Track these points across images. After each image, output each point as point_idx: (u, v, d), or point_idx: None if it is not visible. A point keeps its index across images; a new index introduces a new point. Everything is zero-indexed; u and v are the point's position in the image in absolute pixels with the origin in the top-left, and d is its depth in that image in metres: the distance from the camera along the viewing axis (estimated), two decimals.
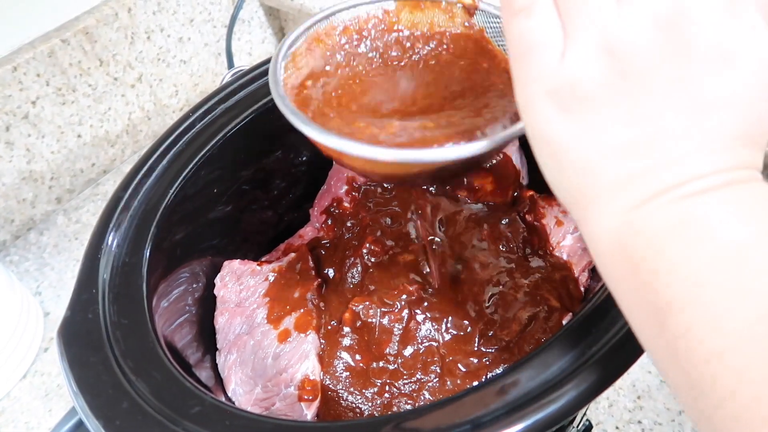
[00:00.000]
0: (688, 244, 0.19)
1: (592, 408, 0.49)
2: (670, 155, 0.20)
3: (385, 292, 0.42)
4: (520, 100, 0.23)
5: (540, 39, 0.22)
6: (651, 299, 0.20)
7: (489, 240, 0.45)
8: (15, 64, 0.62)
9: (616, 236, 0.21)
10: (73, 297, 0.36)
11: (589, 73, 0.21)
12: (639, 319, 0.21)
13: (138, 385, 0.31)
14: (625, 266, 0.21)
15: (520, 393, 0.28)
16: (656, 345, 0.20)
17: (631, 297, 0.21)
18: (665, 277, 0.19)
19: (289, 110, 0.30)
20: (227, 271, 0.46)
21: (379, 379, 0.39)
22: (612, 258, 0.21)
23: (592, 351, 0.29)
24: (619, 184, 0.21)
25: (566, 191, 0.23)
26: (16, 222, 0.68)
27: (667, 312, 0.19)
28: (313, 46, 0.35)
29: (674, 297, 0.19)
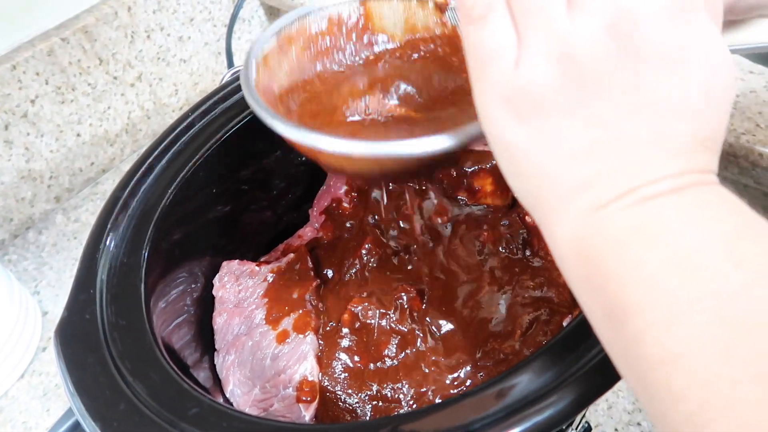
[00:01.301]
0: (643, 248, 0.19)
1: (591, 410, 0.49)
2: (625, 160, 0.20)
3: (384, 293, 0.42)
4: (478, 107, 0.23)
5: (495, 47, 0.22)
6: (609, 303, 0.20)
7: (489, 242, 0.45)
8: (14, 63, 0.62)
9: (575, 240, 0.21)
10: (70, 297, 0.36)
11: (542, 81, 0.21)
12: (598, 322, 0.21)
13: (135, 387, 0.31)
14: (585, 270, 0.21)
15: (519, 396, 0.28)
16: (614, 348, 0.21)
17: (591, 300, 0.21)
18: (621, 281, 0.20)
19: (261, 108, 0.30)
20: (226, 271, 0.46)
21: (378, 380, 0.39)
22: (572, 262, 0.22)
23: (591, 354, 0.29)
24: (576, 189, 0.21)
25: (527, 196, 0.23)
26: (14, 221, 0.68)
27: (624, 315, 0.19)
28: (285, 47, 0.35)
29: (630, 301, 0.19)
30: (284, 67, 0.35)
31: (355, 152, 0.27)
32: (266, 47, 0.34)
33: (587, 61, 0.20)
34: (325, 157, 0.30)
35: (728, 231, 0.19)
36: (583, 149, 0.21)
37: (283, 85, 0.35)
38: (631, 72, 0.20)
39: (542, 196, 0.22)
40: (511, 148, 0.22)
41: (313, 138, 0.27)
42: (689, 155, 0.20)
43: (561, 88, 0.21)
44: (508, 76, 0.22)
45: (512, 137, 0.22)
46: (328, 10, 0.36)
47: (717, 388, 0.17)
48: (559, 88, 0.21)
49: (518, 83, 0.21)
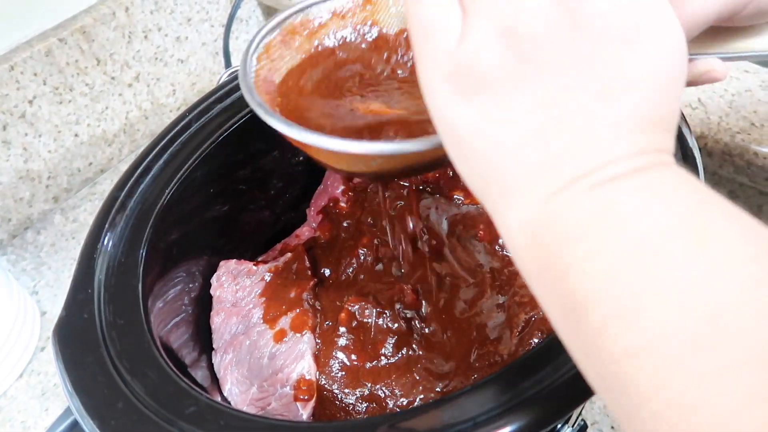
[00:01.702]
0: (601, 236, 0.18)
1: (587, 408, 0.49)
2: (578, 141, 0.19)
3: (381, 292, 0.42)
4: (422, 82, 0.22)
5: (439, 22, 0.21)
6: (566, 295, 0.19)
7: (485, 240, 0.45)
8: (12, 63, 0.62)
9: (528, 229, 0.20)
10: (68, 297, 0.36)
11: (486, 57, 0.20)
12: (556, 316, 0.20)
13: (133, 386, 0.31)
14: (540, 261, 0.20)
15: (515, 393, 0.28)
16: (574, 343, 0.19)
17: (548, 293, 0.20)
18: (579, 272, 0.18)
19: (255, 102, 0.29)
20: (223, 270, 0.46)
21: (375, 379, 0.39)
22: (526, 253, 0.20)
23: None
24: (527, 174, 0.20)
25: (474, 181, 0.22)
26: (13, 221, 0.68)
27: (583, 309, 0.18)
28: (288, 39, 0.35)
29: (589, 292, 0.18)
30: (286, 59, 0.35)
31: (351, 150, 0.27)
32: (268, 38, 0.34)
33: (534, 35, 0.20)
34: (322, 155, 0.30)
35: (689, 214, 0.18)
36: (531, 130, 0.20)
37: (284, 76, 0.34)
38: (580, 48, 0.19)
39: (490, 182, 0.21)
40: (456, 129, 0.21)
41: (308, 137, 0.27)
42: (644, 134, 0.19)
43: (506, 64, 0.20)
44: (452, 51, 0.21)
45: (456, 117, 0.21)
46: (332, 3, 0.36)
47: (684, 383, 0.16)
48: (504, 64, 0.20)
49: (461, 58, 0.20)
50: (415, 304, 0.41)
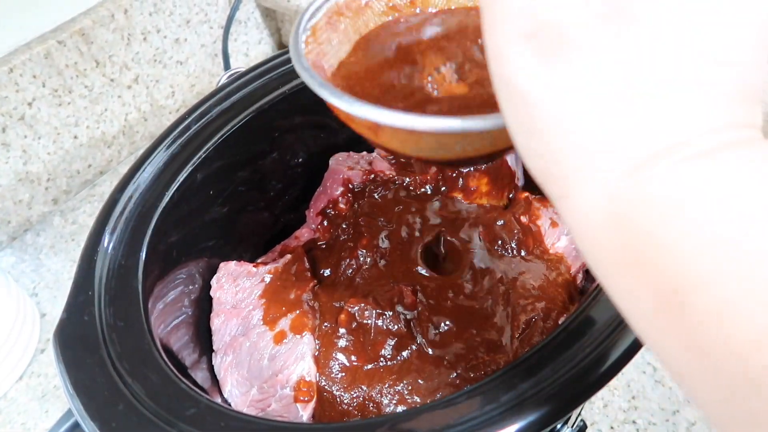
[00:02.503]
0: (708, 206, 0.16)
1: (586, 408, 0.49)
2: (672, 109, 0.17)
3: (380, 293, 0.42)
4: (490, 45, 0.19)
5: None
6: (659, 279, 0.16)
7: (486, 241, 0.45)
8: (11, 66, 0.62)
9: (609, 209, 0.17)
10: (69, 299, 0.36)
11: (576, 15, 0.18)
12: (641, 308, 0.17)
13: (134, 387, 0.32)
14: (623, 245, 0.17)
15: (514, 394, 0.29)
16: (669, 337, 0.17)
17: (629, 282, 0.18)
18: (680, 251, 0.16)
19: (316, 82, 0.27)
20: (223, 272, 0.47)
21: (375, 380, 0.39)
22: (605, 233, 0.18)
23: (586, 352, 0.30)
24: (608, 144, 0.17)
25: (540, 159, 0.19)
26: (12, 223, 0.68)
27: (686, 290, 0.16)
28: (333, 20, 0.33)
29: (697, 270, 0.15)
30: (333, 42, 0.32)
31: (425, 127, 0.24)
32: (314, 21, 0.32)
33: None
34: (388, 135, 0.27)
35: None
36: (621, 96, 0.17)
37: (333, 61, 0.32)
38: (679, 10, 0.17)
39: (561, 157, 0.18)
40: (528, 97, 0.18)
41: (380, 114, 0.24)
42: (742, 106, 0.17)
43: (599, 22, 0.17)
44: (532, 7, 0.18)
45: (529, 82, 0.18)
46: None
47: None
48: (596, 22, 0.17)
49: (545, 14, 0.18)
50: (415, 305, 0.41)
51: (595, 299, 0.32)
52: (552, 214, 0.47)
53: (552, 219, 0.46)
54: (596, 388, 0.29)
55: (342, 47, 0.33)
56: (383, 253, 0.45)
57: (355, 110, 0.25)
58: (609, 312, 0.31)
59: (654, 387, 0.50)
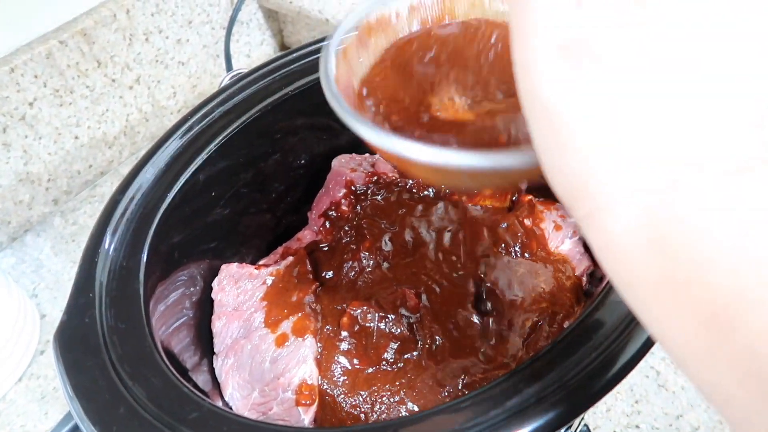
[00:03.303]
0: (754, 223, 0.15)
1: (589, 412, 0.49)
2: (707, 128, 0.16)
3: (383, 296, 0.42)
4: (520, 57, 0.19)
5: None
6: (703, 300, 0.16)
7: (489, 243, 0.45)
8: (12, 66, 0.62)
9: (642, 231, 0.17)
10: (69, 301, 0.36)
11: (613, 26, 0.17)
12: (682, 332, 0.17)
13: (135, 390, 0.31)
14: (658, 266, 0.16)
15: (519, 400, 0.28)
16: (713, 361, 0.16)
17: (668, 305, 0.17)
18: (726, 267, 0.15)
19: (345, 111, 0.26)
20: (225, 274, 0.46)
21: (377, 383, 0.39)
22: (640, 255, 0.17)
23: (592, 357, 0.29)
24: (643, 162, 0.17)
25: (568, 178, 0.18)
26: (12, 224, 0.68)
27: (734, 310, 0.15)
28: (364, 39, 0.32)
29: (745, 289, 0.15)
30: (364, 61, 0.32)
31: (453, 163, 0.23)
32: (346, 40, 0.31)
33: (675, 6, 0.16)
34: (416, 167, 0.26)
35: None
36: (654, 113, 0.17)
37: (363, 79, 0.31)
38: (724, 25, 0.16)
39: (592, 177, 0.17)
40: (561, 113, 0.17)
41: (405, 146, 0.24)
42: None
43: (637, 37, 0.17)
44: (569, 17, 0.17)
45: (563, 98, 0.17)
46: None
47: None
48: (634, 37, 0.17)
49: (580, 27, 0.17)
50: (418, 308, 0.41)
51: (600, 303, 0.32)
52: (556, 217, 0.46)
53: (555, 222, 0.46)
54: (602, 394, 0.28)
55: (371, 63, 0.32)
56: (386, 256, 0.45)
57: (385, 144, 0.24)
58: (615, 316, 0.31)
59: (657, 391, 0.49)
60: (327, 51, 0.29)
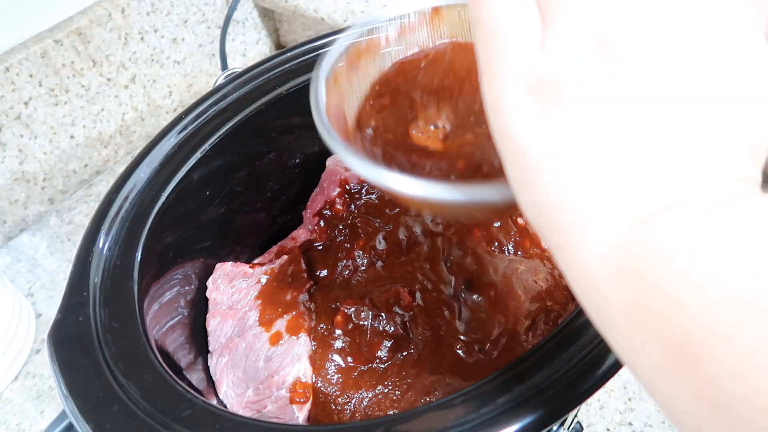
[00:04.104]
0: (722, 259, 0.15)
1: (583, 410, 0.49)
2: (673, 166, 0.17)
3: (377, 295, 0.42)
4: (490, 97, 0.19)
5: (513, 24, 0.18)
6: (672, 333, 0.16)
7: (483, 241, 0.45)
8: (7, 65, 0.62)
9: (612, 263, 0.17)
10: (63, 300, 0.36)
11: (576, 67, 0.17)
12: (651, 362, 0.17)
13: (129, 389, 0.31)
14: (629, 298, 0.17)
15: (511, 397, 0.28)
16: (681, 392, 0.16)
17: (639, 336, 0.17)
18: (694, 303, 0.15)
19: (338, 144, 0.26)
20: (219, 273, 0.46)
21: (371, 381, 0.39)
22: (612, 285, 0.17)
23: (582, 354, 0.30)
24: (613, 198, 0.17)
25: (539, 211, 0.19)
26: (8, 223, 0.68)
27: (702, 345, 0.15)
28: (354, 63, 0.32)
29: (713, 325, 0.15)
30: (353, 84, 0.32)
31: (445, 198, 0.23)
32: (337, 66, 0.31)
33: (633, 47, 0.17)
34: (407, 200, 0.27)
35: None
36: (624, 150, 0.17)
37: (354, 105, 0.32)
38: (682, 64, 0.17)
39: (563, 210, 0.18)
40: (528, 150, 0.18)
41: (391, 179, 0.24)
42: (743, 163, 0.17)
43: (600, 76, 0.17)
44: (531, 60, 0.18)
45: (529, 136, 0.18)
46: (400, 20, 0.32)
47: None
48: (597, 76, 0.17)
49: (544, 69, 0.18)
50: (412, 306, 0.41)
51: None
52: None
53: None
54: (593, 391, 0.29)
55: (361, 89, 0.32)
56: (380, 254, 0.45)
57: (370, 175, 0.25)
58: None
59: None
60: (317, 79, 0.30)
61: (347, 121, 0.31)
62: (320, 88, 0.29)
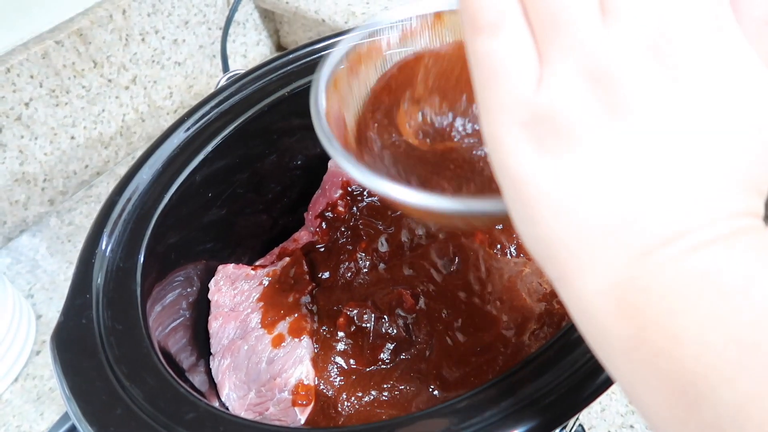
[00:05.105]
0: (721, 299, 0.15)
1: (584, 412, 0.49)
2: (678, 199, 0.17)
3: (379, 297, 0.42)
4: (488, 133, 0.20)
5: (511, 61, 0.19)
6: (672, 373, 0.16)
7: (485, 245, 0.45)
8: (8, 66, 0.61)
9: (612, 298, 0.17)
10: (66, 302, 0.36)
11: (572, 103, 0.18)
12: (651, 398, 0.17)
13: (132, 391, 0.31)
14: (628, 334, 0.17)
15: (514, 400, 0.28)
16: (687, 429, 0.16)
17: (638, 372, 0.17)
18: (694, 344, 0.15)
19: (337, 152, 0.26)
20: (221, 275, 0.46)
21: (373, 384, 0.39)
22: (611, 320, 0.17)
23: (587, 357, 0.30)
24: (611, 233, 0.17)
25: (540, 244, 0.19)
26: (8, 224, 0.68)
27: (701, 387, 0.15)
28: (355, 67, 0.32)
29: (712, 368, 0.15)
30: (353, 88, 0.32)
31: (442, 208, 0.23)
32: (337, 70, 0.31)
33: (628, 83, 0.17)
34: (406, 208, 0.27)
35: None
36: (621, 186, 0.17)
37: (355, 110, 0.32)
38: (677, 99, 0.17)
39: (564, 244, 0.18)
40: (527, 185, 0.18)
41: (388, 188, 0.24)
42: (741, 197, 0.17)
43: (595, 113, 0.17)
44: (528, 97, 0.18)
45: (528, 171, 0.18)
46: (402, 24, 0.32)
47: None
48: (592, 113, 0.18)
49: (541, 106, 0.18)
50: (414, 309, 0.41)
51: None
52: None
53: None
54: (597, 395, 0.29)
55: (362, 93, 0.32)
56: (382, 257, 0.45)
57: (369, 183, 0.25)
58: None
59: None
60: (317, 83, 0.30)
61: (347, 126, 0.31)
62: (320, 93, 0.29)
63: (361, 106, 0.32)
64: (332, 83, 0.31)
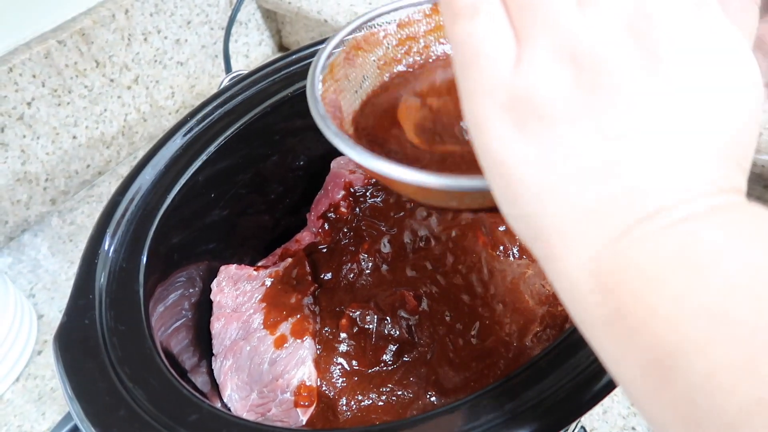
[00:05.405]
0: (694, 273, 0.16)
1: (586, 414, 0.49)
2: (654, 177, 0.17)
3: (382, 298, 0.42)
4: (469, 116, 0.20)
5: (489, 44, 0.19)
6: (648, 345, 0.16)
7: (487, 247, 0.45)
8: (11, 65, 0.61)
9: (593, 274, 0.18)
10: (69, 302, 0.36)
11: (549, 84, 0.18)
12: (630, 372, 0.17)
13: (135, 392, 0.31)
14: (608, 309, 0.17)
15: (517, 403, 0.28)
16: (658, 403, 0.16)
17: (618, 346, 0.17)
18: (668, 316, 0.16)
19: (331, 132, 0.27)
20: (224, 276, 0.46)
21: (375, 385, 0.39)
22: (592, 297, 0.18)
23: (590, 360, 0.30)
24: (592, 212, 0.18)
25: (524, 224, 0.19)
26: (9, 223, 0.68)
27: (675, 358, 0.16)
28: (351, 55, 0.32)
29: (684, 338, 0.15)
30: (351, 77, 0.32)
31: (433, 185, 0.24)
32: (332, 58, 0.31)
33: (602, 62, 0.17)
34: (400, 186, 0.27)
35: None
36: (599, 165, 0.17)
37: (351, 98, 0.32)
38: (655, 76, 0.17)
39: (546, 224, 0.18)
40: (508, 166, 0.19)
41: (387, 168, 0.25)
42: (725, 172, 0.17)
43: (572, 93, 0.18)
44: (506, 79, 0.18)
45: (509, 153, 0.19)
46: (398, 13, 0.33)
47: None
48: (570, 93, 0.18)
49: (519, 87, 0.18)
50: (417, 310, 0.41)
51: None
52: None
53: None
54: (600, 398, 0.29)
55: (359, 81, 0.32)
56: (385, 258, 0.45)
57: (366, 162, 0.25)
58: None
59: None
60: (313, 70, 0.30)
61: (343, 114, 0.31)
62: (316, 77, 0.30)
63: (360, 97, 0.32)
64: (328, 70, 0.31)
